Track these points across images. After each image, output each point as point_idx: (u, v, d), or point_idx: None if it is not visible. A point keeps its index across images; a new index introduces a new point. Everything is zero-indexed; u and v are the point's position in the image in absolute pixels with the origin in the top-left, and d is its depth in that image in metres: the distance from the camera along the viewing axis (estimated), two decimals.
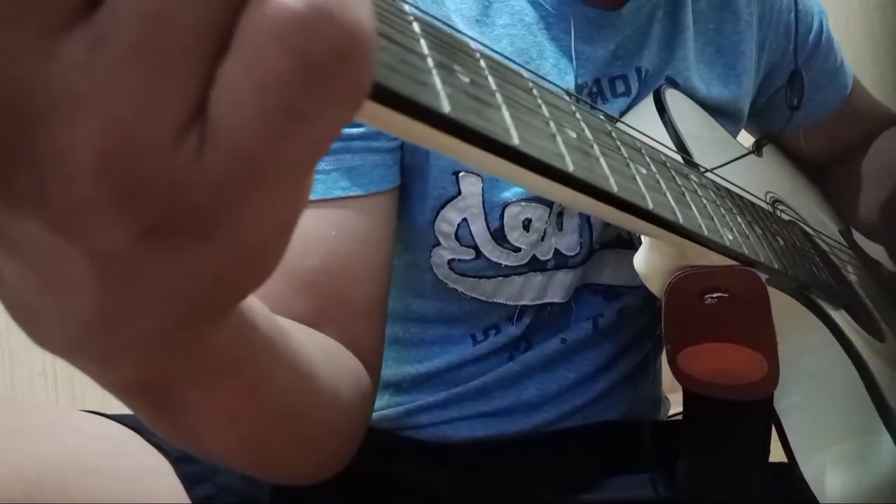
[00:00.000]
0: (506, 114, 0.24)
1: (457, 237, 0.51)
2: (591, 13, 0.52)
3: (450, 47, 0.23)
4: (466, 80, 0.23)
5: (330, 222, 0.45)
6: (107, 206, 0.13)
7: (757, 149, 0.68)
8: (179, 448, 0.40)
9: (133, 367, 0.19)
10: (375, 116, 0.20)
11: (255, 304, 0.28)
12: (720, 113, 0.58)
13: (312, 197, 0.44)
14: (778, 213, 0.56)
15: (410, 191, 0.51)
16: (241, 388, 0.28)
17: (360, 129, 0.46)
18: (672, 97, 0.52)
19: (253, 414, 0.30)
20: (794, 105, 0.58)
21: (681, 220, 0.32)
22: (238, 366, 0.27)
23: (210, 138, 0.13)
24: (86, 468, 0.36)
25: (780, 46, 0.63)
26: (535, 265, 0.53)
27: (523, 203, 0.51)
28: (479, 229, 0.51)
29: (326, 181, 0.45)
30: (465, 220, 0.51)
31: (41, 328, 0.17)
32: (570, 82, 0.51)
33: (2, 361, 1.21)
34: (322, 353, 0.38)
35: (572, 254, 0.54)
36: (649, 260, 0.41)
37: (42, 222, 0.13)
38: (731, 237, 0.37)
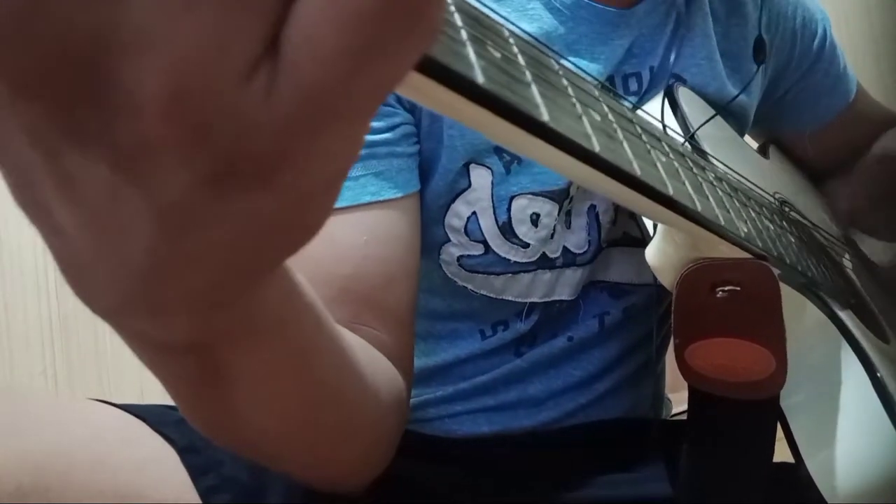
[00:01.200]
0: (535, 91, 0.24)
1: (466, 231, 0.52)
2: (606, 13, 0.52)
3: (482, 24, 0.23)
4: (498, 55, 0.23)
5: (361, 228, 0.45)
6: (173, 147, 0.13)
7: (762, 151, 0.69)
8: (186, 438, 0.40)
9: (182, 323, 0.19)
10: (411, 85, 0.20)
11: (298, 275, 0.28)
12: (727, 114, 0.59)
13: (342, 204, 0.44)
14: (787, 212, 0.56)
15: (421, 190, 0.51)
16: (286, 354, 0.28)
17: (384, 136, 0.46)
18: (684, 94, 0.52)
19: (296, 390, 0.30)
20: (756, 60, 0.58)
21: (699, 208, 0.32)
22: (283, 328, 0.27)
23: (281, 77, 0.13)
24: (92, 457, 0.36)
25: (785, 51, 0.63)
26: (543, 263, 0.53)
27: (530, 196, 0.51)
28: (487, 223, 0.51)
29: (355, 187, 0.45)
30: (474, 213, 0.51)
31: (91, 282, 0.17)
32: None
33: (2, 361, 1.20)
34: (361, 348, 0.38)
35: (580, 251, 0.54)
36: (662, 251, 0.41)
37: (106, 161, 0.13)
38: (745, 229, 0.37)
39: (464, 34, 0.22)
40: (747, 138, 0.69)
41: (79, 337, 1.22)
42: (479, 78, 0.21)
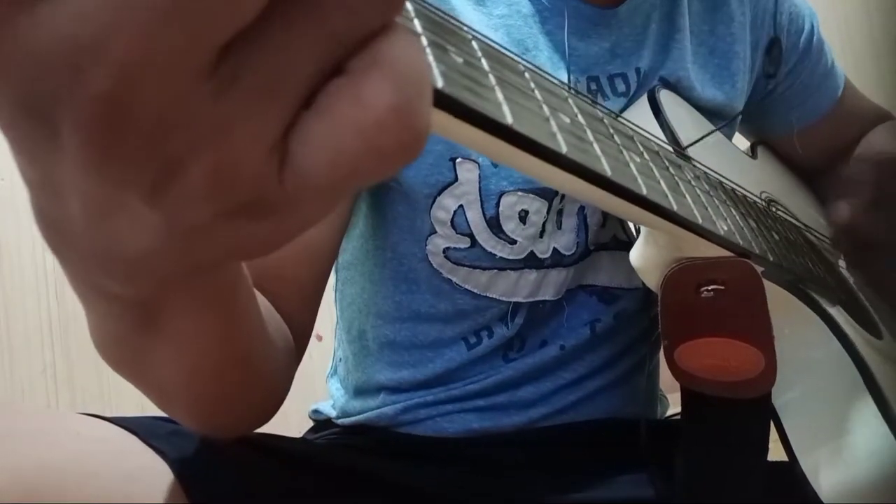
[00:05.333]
0: (499, 94, 0.24)
1: (452, 224, 0.51)
2: (587, 10, 0.53)
3: (443, 28, 0.24)
4: (460, 60, 0.23)
5: None
6: (205, 199, 0.16)
7: (751, 152, 0.69)
8: (178, 450, 0.40)
9: (145, 289, 0.21)
10: None
11: None
12: (714, 114, 0.59)
13: None
14: (773, 210, 0.56)
15: (406, 178, 0.51)
16: (216, 320, 0.30)
17: None
18: (666, 98, 0.53)
19: (213, 351, 0.31)
20: (770, 73, 0.58)
21: (675, 207, 0.32)
22: (222, 297, 0.29)
23: (288, 163, 0.16)
24: (84, 471, 0.36)
25: None
26: (531, 262, 0.53)
27: (520, 193, 0.51)
28: (474, 217, 0.51)
29: None
30: (461, 207, 0.51)
31: (72, 246, 0.19)
32: (561, 77, 0.52)
33: (2, 361, 1.21)
34: (265, 309, 0.40)
35: (568, 253, 0.54)
36: (645, 253, 0.41)
37: (145, 201, 0.16)
38: (725, 227, 0.37)
39: (424, 40, 0.22)
40: (738, 139, 0.69)
41: (79, 337, 1.22)
42: (439, 82, 0.21)
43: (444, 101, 0.22)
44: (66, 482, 0.35)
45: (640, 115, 0.52)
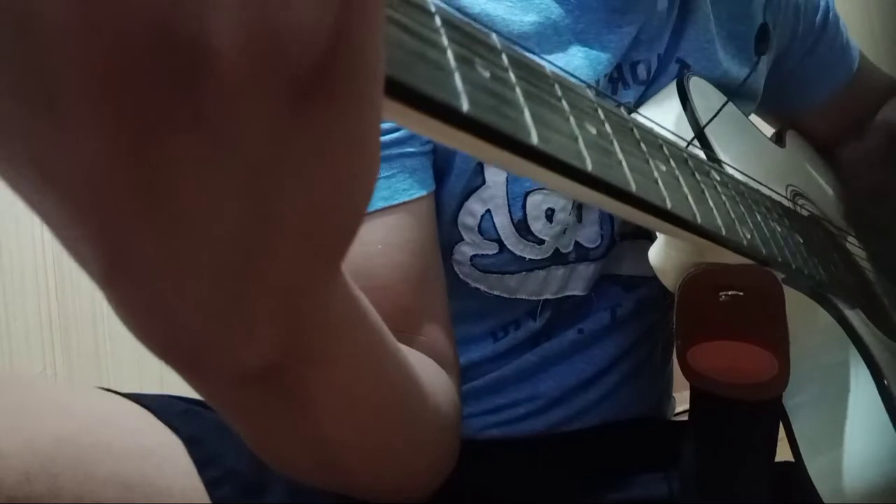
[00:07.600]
0: (526, 111, 0.23)
1: (480, 230, 0.51)
2: (615, 0, 0.51)
3: (471, 40, 0.23)
4: (487, 74, 0.23)
5: (374, 236, 0.43)
6: (254, 83, 0.14)
7: (778, 139, 0.67)
8: (190, 429, 0.40)
9: (269, 336, 0.20)
10: (394, 112, 0.20)
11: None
12: (735, 96, 0.57)
13: None
14: (798, 207, 0.55)
15: (437, 191, 0.49)
16: (360, 359, 0.28)
17: (393, 136, 0.44)
18: (695, 85, 0.51)
19: (371, 394, 0.30)
20: (758, 52, 0.57)
21: (699, 220, 0.31)
22: (353, 330, 0.27)
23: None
24: (99, 444, 0.36)
25: (789, 28, 0.63)
26: (557, 259, 0.53)
27: (545, 191, 0.50)
28: (502, 221, 0.50)
29: None
30: (488, 211, 0.50)
31: (178, 314, 0.17)
32: (601, 72, 0.50)
33: (2, 361, 1.21)
34: (416, 359, 0.38)
35: (593, 246, 0.54)
36: (665, 254, 0.40)
37: (192, 127, 0.14)
38: (749, 236, 0.36)
39: (450, 56, 0.21)
40: (764, 126, 0.68)
41: (79, 337, 1.22)
42: (465, 105, 0.20)
43: (468, 123, 0.21)
44: (82, 455, 0.35)
45: (668, 102, 0.51)
